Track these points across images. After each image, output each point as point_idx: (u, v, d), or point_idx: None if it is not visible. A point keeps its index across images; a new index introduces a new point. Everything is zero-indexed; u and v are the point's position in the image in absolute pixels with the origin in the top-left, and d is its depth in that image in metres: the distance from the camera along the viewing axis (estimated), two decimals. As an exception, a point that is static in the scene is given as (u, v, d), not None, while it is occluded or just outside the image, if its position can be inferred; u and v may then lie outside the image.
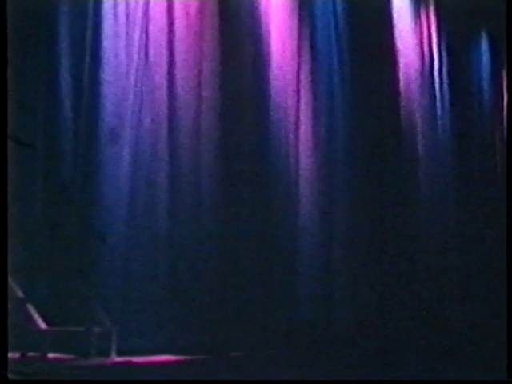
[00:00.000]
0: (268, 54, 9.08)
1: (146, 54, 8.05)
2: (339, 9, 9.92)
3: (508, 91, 9.96)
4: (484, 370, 6.05)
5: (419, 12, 11.25)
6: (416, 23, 11.16)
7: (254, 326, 8.21)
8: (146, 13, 8.08)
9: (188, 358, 7.32)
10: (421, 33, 11.25)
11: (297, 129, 9.35)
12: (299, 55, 9.46)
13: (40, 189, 7.28)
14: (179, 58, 8.28)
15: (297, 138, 9.33)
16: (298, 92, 9.39)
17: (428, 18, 11.41)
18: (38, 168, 7.27)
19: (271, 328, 8.26)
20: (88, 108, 7.62)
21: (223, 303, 8.17)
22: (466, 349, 7.75)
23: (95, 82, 7.69)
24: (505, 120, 12.32)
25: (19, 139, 5.78)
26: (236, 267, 8.41)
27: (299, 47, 9.47)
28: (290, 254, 8.95)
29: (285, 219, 8.97)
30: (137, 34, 8.00)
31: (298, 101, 9.40)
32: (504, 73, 12.59)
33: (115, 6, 7.92)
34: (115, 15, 7.83)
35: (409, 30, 11.00)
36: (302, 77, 9.46)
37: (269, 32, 9.13)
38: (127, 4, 7.99)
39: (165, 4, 8.24)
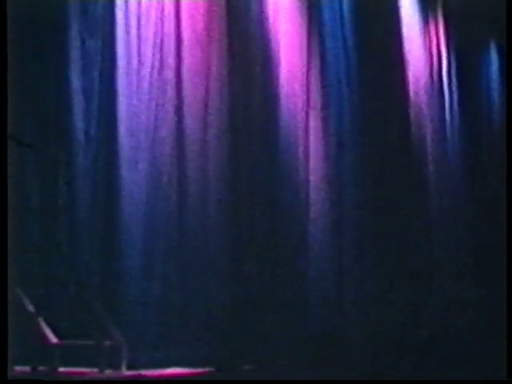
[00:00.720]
0: (277, 56, 9.07)
1: (159, 66, 8.09)
2: (347, 11, 9.93)
3: (508, 91, 9.94)
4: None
5: (427, 16, 11.25)
6: (424, 27, 11.17)
7: (265, 338, 8.18)
8: (158, 26, 8.13)
9: (199, 371, 7.31)
10: (429, 37, 11.26)
11: (306, 132, 9.34)
12: (308, 57, 9.46)
13: (46, 196, 7.31)
14: (187, 62, 8.29)
15: (306, 141, 9.32)
16: (307, 95, 9.38)
17: (436, 22, 11.41)
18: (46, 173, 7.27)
19: (281, 339, 8.23)
20: (101, 118, 7.62)
21: (234, 315, 8.15)
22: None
23: (108, 91, 7.67)
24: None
25: (19, 139, 5.78)
26: (246, 279, 8.39)
27: (308, 49, 9.47)
28: (300, 262, 8.94)
29: (294, 227, 8.96)
30: (149, 41, 8.03)
31: (308, 104, 9.39)
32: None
33: (127, 18, 7.97)
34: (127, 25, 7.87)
35: (417, 33, 11.01)
36: (312, 80, 9.47)
37: (278, 33, 9.12)
38: (139, 17, 8.05)
39: (173, 13, 8.28)
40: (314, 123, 9.48)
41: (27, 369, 6.48)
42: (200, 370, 7.31)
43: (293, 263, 8.88)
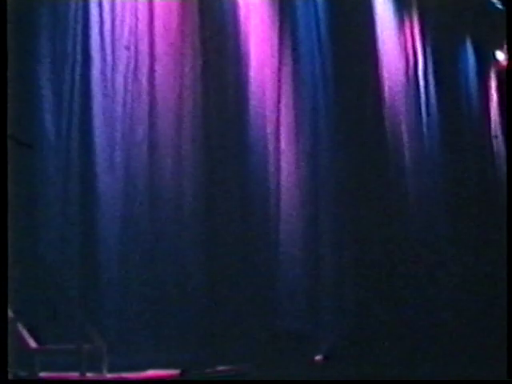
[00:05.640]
0: (250, 56, 9.13)
1: (133, 68, 8.08)
2: (321, 10, 9.96)
3: (508, 92, 10.04)
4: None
5: (402, 14, 11.33)
6: (399, 25, 11.25)
7: (243, 339, 8.20)
8: (132, 27, 8.11)
9: (179, 372, 7.28)
10: (404, 35, 11.34)
11: (278, 133, 9.35)
12: (280, 56, 9.49)
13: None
14: (160, 63, 8.28)
15: (278, 138, 9.34)
16: (279, 94, 9.41)
17: (411, 20, 11.50)
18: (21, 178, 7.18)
19: (258, 340, 8.25)
20: (75, 121, 7.58)
21: (211, 317, 8.15)
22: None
23: (82, 94, 7.65)
24: (493, 120, 12.46)
25: (19, 139, 5.72)
26: (221, 281, 8.40)
27: (280, 48, 9.50)
28: (274, 261, 8.97)
29: (268, 226, 8.99)
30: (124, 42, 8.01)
31: (280, 103, 9.42)
32: (491, 76, 12.76)
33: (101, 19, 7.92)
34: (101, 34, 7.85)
35: (392, 31, 11.08)
36: (283, 78, 9.50)
37: (250, 35, 9.18)
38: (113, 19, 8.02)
39: (147, 14, 8.25)
40: (287, 122, 9.50)
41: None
42: (180, 371, 7.29)
43: (267, 264, 8.90)
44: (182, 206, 8.28)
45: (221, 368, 7.64)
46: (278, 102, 9.44)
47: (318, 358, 8.36)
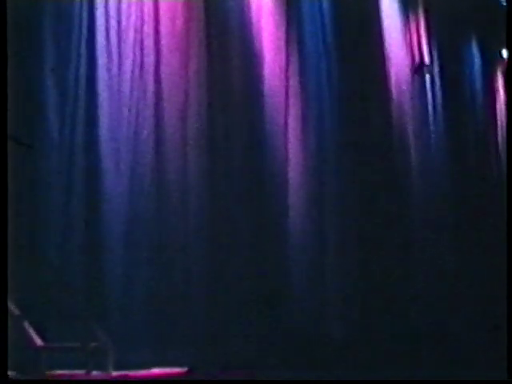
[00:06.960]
0: (256, 56, 9.13)
1: (139, 66, 8.11)
2: (327, 9, 9.98)
3: (508, 91, 10.04)
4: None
5: (408, 13, 11.33)
6: (405, 23, 11.24)
7: (249, 337, 8.22)
8: (137, 26, 8.14)
9: (185, 370, 7.32)
10: (410, 34, 11.33)
11: (285, 131, 9.36)
12: (287, 56, 9.49)
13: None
14: (166, 62, 8.31)
15: (286, 139, 9.35)
16: (286, 93, 9.42)
17: (417, 19, 11.49)
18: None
19: (264, 339, 8.27)
20: (81, 119, 7.61)
21: (217, 315, 8.17)
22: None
23: (88, 93, 7.68)
24: (499, 119, 12.45)
25: (19, 139, 5.75)
26: (228, 280, 8.41)
27: (287, 48, 9.51)
28: (282, 260, 8.98)
29: (275, 225, 8.98)
30: (129, 41, 8.04)
31: (287, 102, 9.43)
32: (497, 75, 12.75)
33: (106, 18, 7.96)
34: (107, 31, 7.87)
35: (398, 30, 11.07)
36: (291, 75, 9.50)
37: (256, 33, 9.19)
38: (119, 17, 8.05)
39: (153, 13, 8.27)
40: (294, 122, 9.52)
41: (13, 372, 6.42)
42: (186, 369, 7.32)
43: (274, 261, 8.91)
44: (187, 205, 8.29)
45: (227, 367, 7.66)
46: (286, 99, 9.46)
47: None
